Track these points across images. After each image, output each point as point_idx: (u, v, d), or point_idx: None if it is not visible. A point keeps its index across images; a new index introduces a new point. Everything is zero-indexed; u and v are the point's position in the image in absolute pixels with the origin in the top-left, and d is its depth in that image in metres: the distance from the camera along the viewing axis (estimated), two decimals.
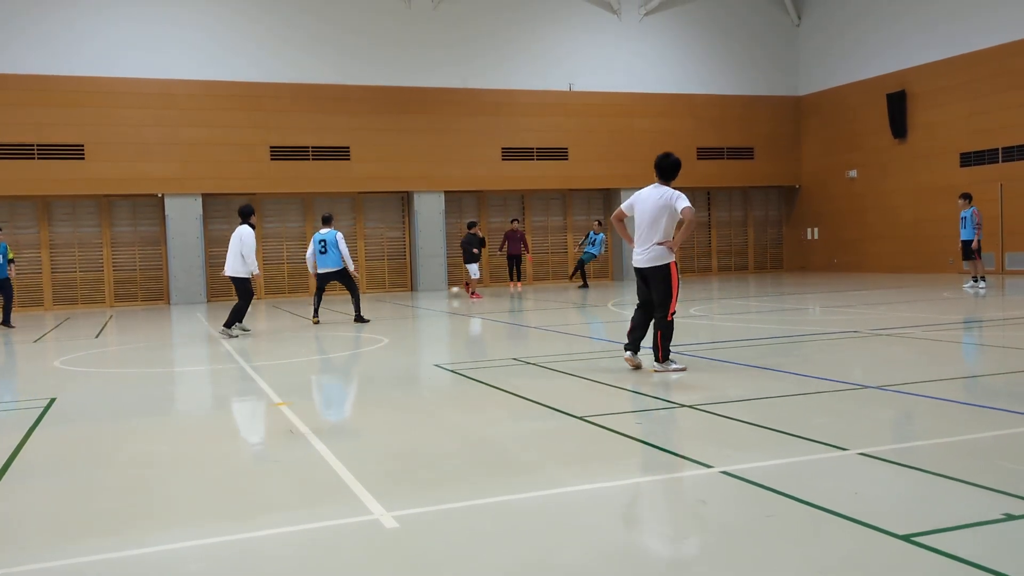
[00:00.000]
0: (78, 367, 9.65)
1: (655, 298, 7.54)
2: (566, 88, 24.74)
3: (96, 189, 20.87)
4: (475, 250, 19.29)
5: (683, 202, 7.37)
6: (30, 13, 20.08)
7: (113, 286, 21.68)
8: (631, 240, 7.68)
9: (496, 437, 5.45)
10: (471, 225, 19.75)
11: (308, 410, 6.44)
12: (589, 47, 25.03)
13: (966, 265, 17.45)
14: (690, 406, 6.10)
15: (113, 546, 3.62)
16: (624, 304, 16.41)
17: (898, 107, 23.62)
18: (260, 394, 7.33)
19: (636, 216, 7.60)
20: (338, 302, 18.84)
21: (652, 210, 7.44)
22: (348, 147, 22.81)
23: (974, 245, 16.49)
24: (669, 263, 7.44)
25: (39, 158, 20.24)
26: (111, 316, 18.14)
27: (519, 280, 22.33)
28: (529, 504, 4.01)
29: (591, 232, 21.81)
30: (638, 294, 7.84)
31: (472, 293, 19.21)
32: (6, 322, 15.39)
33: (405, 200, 24.01)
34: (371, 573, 3.26)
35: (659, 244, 7.43)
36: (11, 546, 3.69)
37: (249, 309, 13.27)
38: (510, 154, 24.32)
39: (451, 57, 23.63)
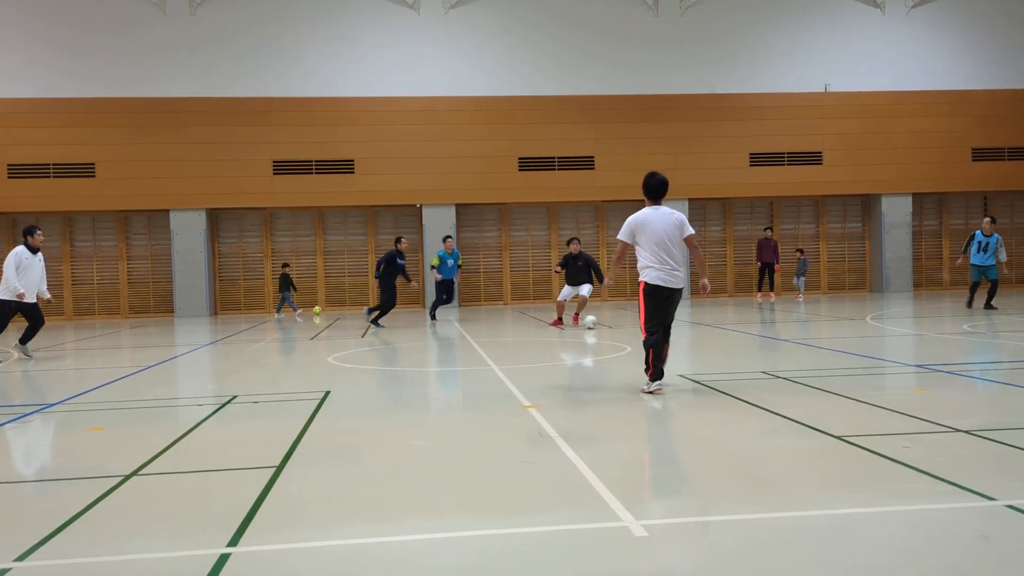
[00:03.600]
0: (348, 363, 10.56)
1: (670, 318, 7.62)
2: (821, 89, 23.49)
3: (363, 200, 22.78)
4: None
5: (690, 228, 7.55)
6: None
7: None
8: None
9: (745, 452, 5.28)
10: (571, 240, 15.38)
11: (555, 414, 6.59)
12: (848, 45, 23.60)
13: None
14: (967, 431, 5.55)
15: (380, 532, 3.92)
16: (885, 318, 15.26)
17: None
18: (510, 396, 7.60)
19: (651, 239, 7.40)
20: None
21: (670, 230, 7.42)
22: (593, 156, 23.14)
23: None
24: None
25: (316, 173, 22.43)
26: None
27: (771, 290, 21.50)
28: (782, 525, 3.84)
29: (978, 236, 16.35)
30: (659, 317, 7.48)
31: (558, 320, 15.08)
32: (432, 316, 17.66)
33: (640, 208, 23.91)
34: None
35: (704, 284, 7.75)
36: (295, 525, 4.11)
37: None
38: (758, 159, 23.48)
39: (697, 62, 23.26)
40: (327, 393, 8.01)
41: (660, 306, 7.46)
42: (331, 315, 21.35)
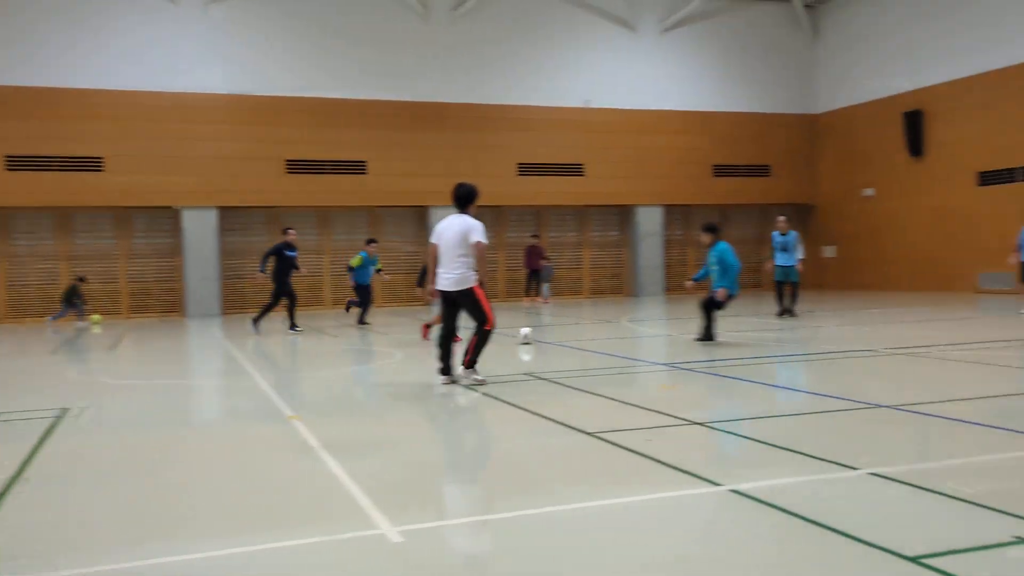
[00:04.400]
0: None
1: (473, 318, 8.04)
2: (583, 105, 24.81)
3: (115, 201, 21.07)
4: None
5: (476, 235, 7.95)
6: (43, 27, 20.39)
7: (129, 298, 21.84)
8: (434, 274, 8.13)
9: (505, 453, 5.45)
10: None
11: (319, 424, 6.45)
12: (606, 64, 25.09)
13: None
14: (701, 424, 6.07)
15: (123, 557, 3.64)
16: (641, 321, 16.36)
17: (915, 126, 23.51)
18: (272, 408, 7.35)
19: (442, 244, 8.03)
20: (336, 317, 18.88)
21: (455, 237, 7.96)
22: (365, 161, 22.95)
23: None
24: (473, 287, 7.94)
25: (58, 170, 20.47)
26: (126, 329, 18.23)
27: (538, 295, 22.35)
28: (536, 521, 4.00)
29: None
30: (445, 320, 8.19)
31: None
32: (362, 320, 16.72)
33: (422, 215, 24.10)
34: None
35: (473, 286, 7.98)
36: (15, 559, 3.72)
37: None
38: (527, 170, 24.39)
39: (468, 72, 23.75)
40: (64, 411, 7.33)
41: (446, 309, 8.12)
42: (75, 324, 19.56)
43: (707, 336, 11.34)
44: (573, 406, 7.04)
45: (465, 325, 8.47)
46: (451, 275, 7.98)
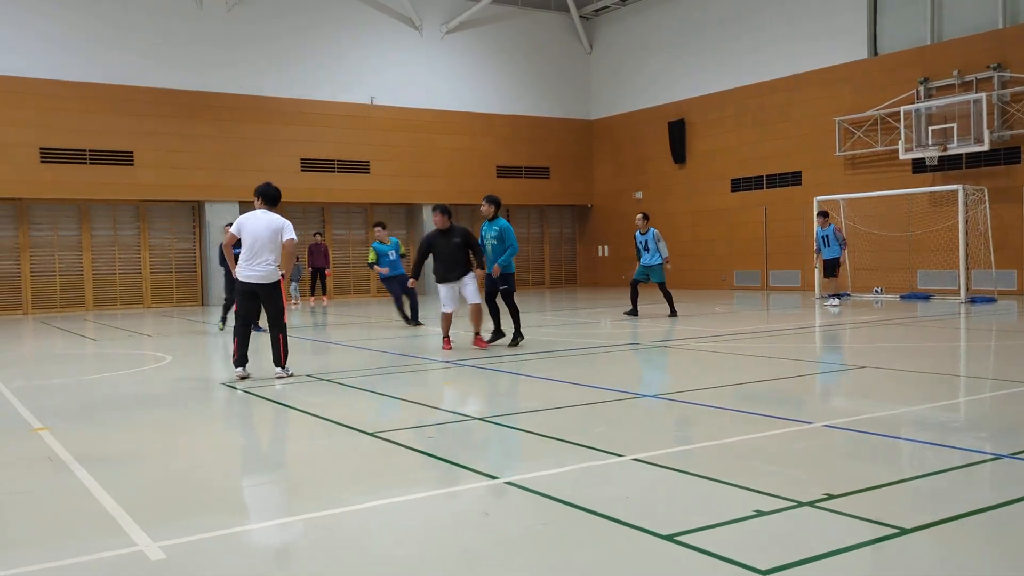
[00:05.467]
0: None
1: (270, 311, 8.31)
2: (368, 101, 24.55)
3: None
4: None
5: (289, 233, 8.28)
6: None
7: None
8: (234, 263, 8.38)
9: (279, 457, 5.28)
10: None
11: (70, 435, 5.93)
12: (391, 62, 24.98)
13: (823, 282, 17.76)
14: (481, 418, 6.20)
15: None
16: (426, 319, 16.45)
17: (678, 134, 25.38)
18: (17, 418, 6.66)
19: (248, 238, 8.18)
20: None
21: (266, 233, 8.15)
22: (131, 152, 21.37)
23: (842, 259, 16.80)
24: (278, 280, 8.27)
25: None
26: None
27: (324, 294, 21.86)
28: (310, 525, 3.90)
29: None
30: (244, 311, 8.38)
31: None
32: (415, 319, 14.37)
33: (196, 210, 22.82)
34: None
35: (278, 280, 8.28)
36: None
37: None
38: (310, 165, 23.77)
39: (245, 63, 22.77)
40: None
41: (245, 302, 8.31)
42: None
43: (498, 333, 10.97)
44: (354, 406, 6.94)
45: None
46: (259, 269, 8.15)
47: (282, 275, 8.35)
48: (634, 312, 14.92)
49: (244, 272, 8.20)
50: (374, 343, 12.19)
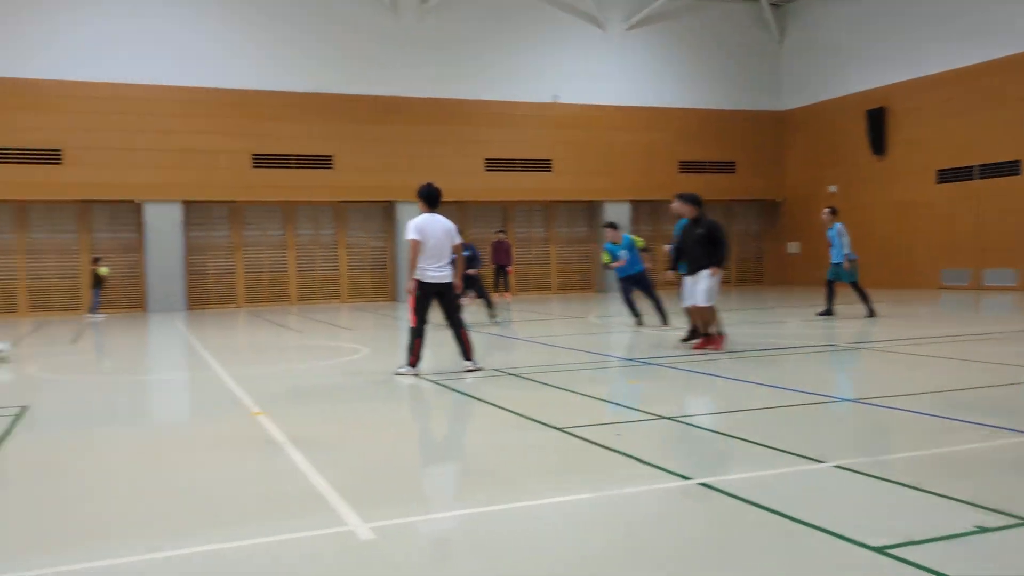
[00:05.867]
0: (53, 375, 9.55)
1: (449, 309, 8.64)
2: (550, 100, 24.82)
3: (75, 195, 20.69)
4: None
5: (457, 236, 8.63)
6: (15, 16, 19.93)
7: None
8: (414, 266, 8.41)
9: (476, 448, 5.44)
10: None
11: (284, 419, 6.39)
12: (574, 60, 25.12)
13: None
14: (670, 418, 6.11)
15: (84, 556, 3.57)
16: (607, 316, 16.43)
17: (878, 124, 23.87)
18: (237, 403, 7.27)
19: (431, 241, 8.40)
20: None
21: (443, 236, 8.49)
22: (331, 156, 22.76)
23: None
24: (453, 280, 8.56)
25: (16, 163, 20.05)
26: (102, 320, 17.90)
27: (506, 290, 22.35)
28: (504, 516, 3.99)
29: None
30: (427, 312, 8.48)
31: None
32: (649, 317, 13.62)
33: (388, 210, 23.98)
34: None
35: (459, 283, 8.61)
36: None
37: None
38: (494, 165, 24.37)
39: (436, 67, 23.65)
40: (24, 408, 7.18)
41: (428, 303, 8.46)
42: (39, 320, 19.17)
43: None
44: (543, 401, 7.04)
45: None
46: (444, 270, 8.49)
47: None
48: (828, 312, 14.16)
49: (430, 274, 8.39)
50: (558, 339, 12.31)
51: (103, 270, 19.08)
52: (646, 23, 25.94)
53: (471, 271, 14.62)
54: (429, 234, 8.41)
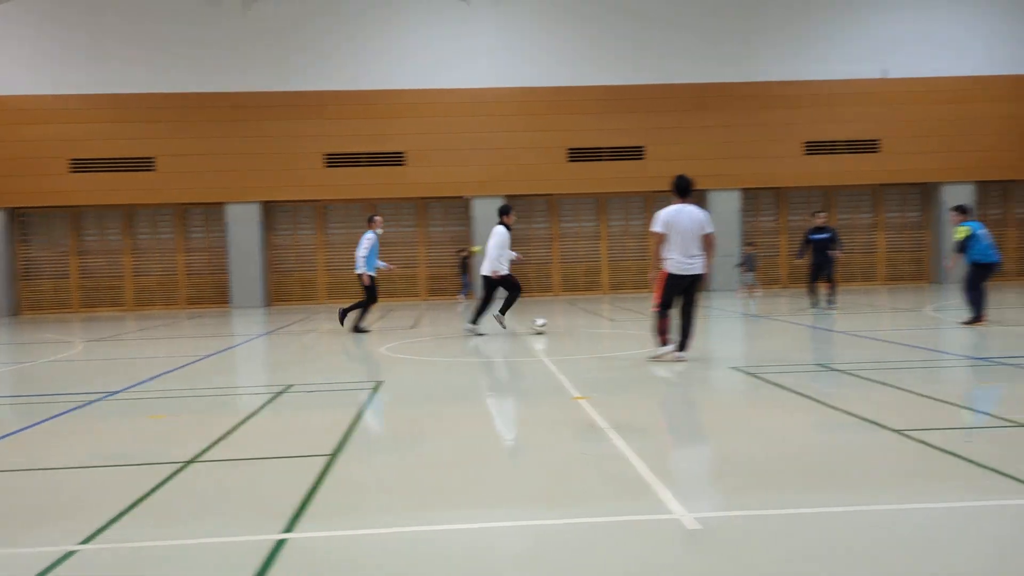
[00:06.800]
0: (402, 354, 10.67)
1: (690, 299, 8.83)
2: (879, 75, 22.92)
3: (415, 192, 22.92)
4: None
5: (709, 227, 8.76)
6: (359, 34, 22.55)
7: (427, 281, 23.65)
8: (658, 258, 8.67)
9: (801, 445, 5.20)
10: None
11: (607, 406, 6.57)
12: (906, 27, 22.95)
13: None
14: None
15: (435, 520, 3.95)
16: (945, 309, 14.88)
17: None
18: (560, 388, 7.60)
19: (680, 233, 8.57)
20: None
21: (696, 227, 8.65)
22: (642, 147, 22.95)
23: None
24: (704, 271, 8.75)
25: (367, 165, 22.64)
26: (424, 310, 19.74)
27: (827, 281, 21.08)
28: (841, 519, 3.77)
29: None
30: (674, 299, 8.76)
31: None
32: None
33: (699, 198, 23.66)
34: (673, 571, 3.26)
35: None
36: (350, 513, 4.17)
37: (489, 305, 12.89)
38: (814, 148, 23.05)
39: (744, 50, 22.87)
40: (379, 383, 8.10)
41: (676, 289, 8.75)
42: (385, 306, 21.55)
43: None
44: (875, 400, 6.56)
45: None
46: (695, 261, 8.69)
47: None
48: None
49: (680, 265, 8.63)
50: (884, 333, 11.36)
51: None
52: None
53: (832, 252, 15.37)
54: (676, 226, 8.60)
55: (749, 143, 22.85)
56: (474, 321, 12.68)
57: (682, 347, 8.87)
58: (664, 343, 8.89)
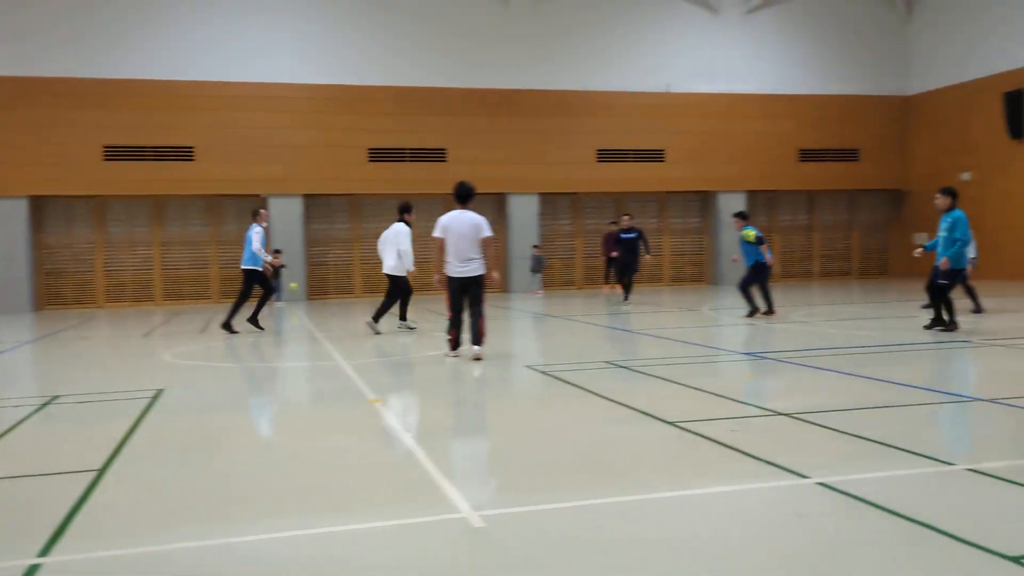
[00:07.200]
0: (188, 360, 10.09)
1: (472, 299, 9.13)
2: (663, 90, 24.43)
3: (205, 189, 21.77)
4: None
5: (487, 230, 9.08)
6: (133, 20, 21.13)
7: (220, 284, 22.56)
8: (445, 261, 9.05)
9: (586, 440, 5.42)
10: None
11: (401, 407, 6.54)
12: (687, 48, 24.63)
13: None
14: (787, 414, 5.92)
15: (205, 534, 3.76)
16: (721, 309, 16.09)
17: (1016, 107, 22.39)
18: (355, 391, 7.48)
19: (456, 237, 8.95)
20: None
21: (471, 231, 8.99)
22: (444, 149, 23.12)
23: None
24: (483, 274, 9.09)
25: (152, 160, 21.24)
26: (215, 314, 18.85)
27: (618, 282, 22.15)
28: (618, 509, 3.96)
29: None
30: (457, 302, 9.13)
31: None
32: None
33: (500, 202, 24.17)
34: (457, 570, 3.29)
35: (488, 275, 9.10)
36: (116, 531, 3.88)
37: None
38: (606, 156, 24.19)
39: (545, 59, 23.65)
40: (159, 391, 7.61)
41: (456, 291, 9.08)
42: (171, 310, 20.31)
43: (939, 322, 10.79)
44: (656, 395, 6.96)
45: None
46: (471, 264, 8.99)
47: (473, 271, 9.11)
48: (977, 310, 13.40)
49: (454, 268, 8.98)
50: (671, 332, 12.12)
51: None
52: (764, 7, 25.16)
53: (643, 256, 17.00)
54: (452, 231, 8.95)
55: (547, 149, 23.62)
56: (376, 320, 12.69)
57: (475, 345, 9.06)
58: (454, 345, 9.20)
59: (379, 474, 4.71)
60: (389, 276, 12.67)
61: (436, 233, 9.07)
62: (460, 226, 8.99)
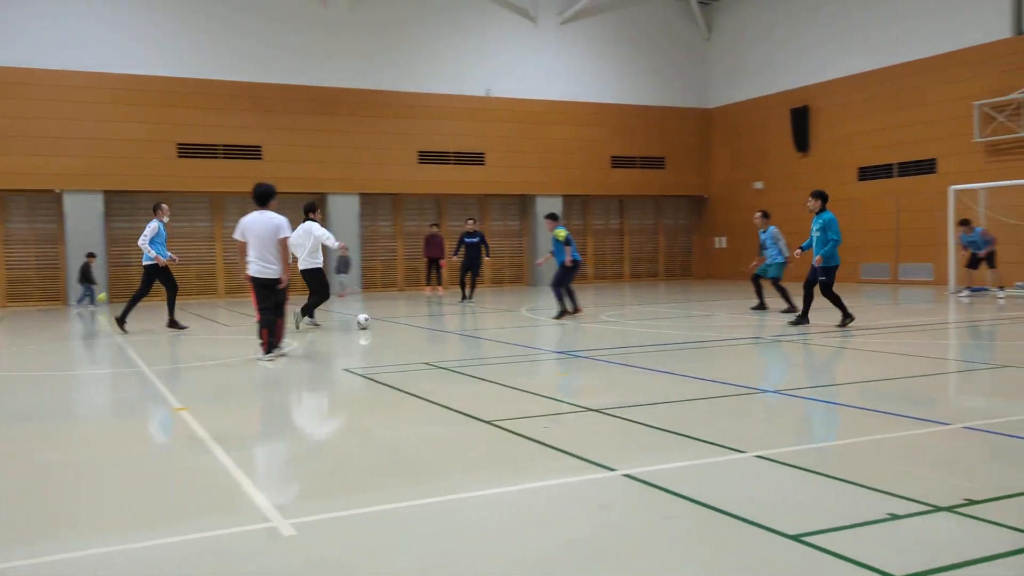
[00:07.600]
0: None
1: (279, 301, 9.15)
2: (483, 94, 24.79)
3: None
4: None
5: (284, 231, 9.01)
6: None
7: (6, 285, 20.65)
8: (247, 263, 9.04)
9: (401, 442, 5.41)
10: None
11: (209, 415, 6.25)
12: (506, 53, 25.15)
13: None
14: (597, 410, 6.17)
15: (8, 557, 3.44)
16: (538, 309, 16.52)
17: (801, 122, 24.51)
18: (159, 399, 7.08)
19: (256, 238, 8.96)
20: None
21: (270, 233, 8.96)
22: (260, 146, 22.32)
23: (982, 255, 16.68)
24: (281, 276, 9.05)
25: None
26: (2, 318, 17.25)
27: (439, 284, 22.22)
28: (430, 510, 3.98)
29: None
30: (265, 301, 9.07)
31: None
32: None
33: (319, 202, 23.61)
34: None
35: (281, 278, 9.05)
36: None
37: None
38: (427, 158, 24.22)
39: (367, 59, 23.40)
40: None
41: (261, 292, 9.00)
42: None
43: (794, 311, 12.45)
44: (472, 395, 7.04)
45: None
46: (272, 265, 8.97)
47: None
48: (761, 307, 14.76)
49: (256, 269, 8.97)
50: (487, 332, 12.32)
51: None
52: (579, 18, 26.12)
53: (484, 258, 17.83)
54: (251, 232, 8.97)
55: (368, 149, 23.34)
56: (309, 314, 12.74)
57: (270, 349, 9.09)
58: (266, 348, 9.09)
59: (186, 486, 4.48)
60: (306, 274, 12.57)
61: (236, 235, 9.06)
62: (259, 228, 8.96)
